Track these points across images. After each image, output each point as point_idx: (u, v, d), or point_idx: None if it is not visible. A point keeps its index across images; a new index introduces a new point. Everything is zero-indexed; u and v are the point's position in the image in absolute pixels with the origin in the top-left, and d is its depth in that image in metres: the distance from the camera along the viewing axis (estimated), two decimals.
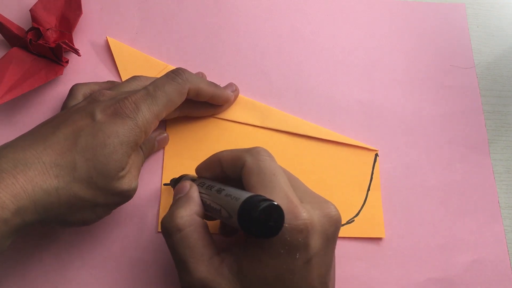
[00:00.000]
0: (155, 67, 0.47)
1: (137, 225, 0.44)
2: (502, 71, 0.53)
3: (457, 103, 0.51)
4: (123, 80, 0.45)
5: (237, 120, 0.47)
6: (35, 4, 0.45)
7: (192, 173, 0.41)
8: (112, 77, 0.47)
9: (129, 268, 0.42)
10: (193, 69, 0.48)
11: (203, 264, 0.32)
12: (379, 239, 0.46)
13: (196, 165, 0.40)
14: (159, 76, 0.43)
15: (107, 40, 0.48)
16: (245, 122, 0.47)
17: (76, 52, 0.45)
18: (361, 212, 0.46)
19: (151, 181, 0.45)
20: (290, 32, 0.51)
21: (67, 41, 0.44)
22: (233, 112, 0.47)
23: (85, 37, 0.48)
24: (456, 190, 0.48)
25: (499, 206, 0.48)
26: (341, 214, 0.45)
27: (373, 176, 0.47)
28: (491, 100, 0.51)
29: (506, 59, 0.53)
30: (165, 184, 0.44)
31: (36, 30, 0.44)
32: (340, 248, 0.45)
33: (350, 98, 0.49)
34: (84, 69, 0.47)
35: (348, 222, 0.45)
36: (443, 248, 0.46)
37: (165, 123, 0.46)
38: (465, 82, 0.51)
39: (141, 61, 0.47)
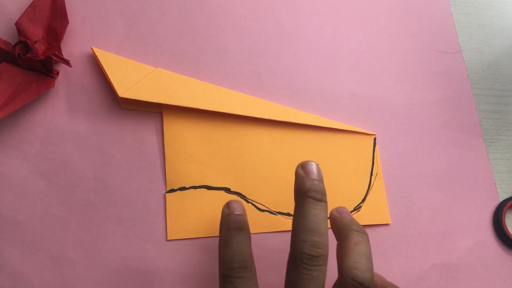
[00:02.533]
0: (145, 72, 0.46)
1: (141, 234, 0.43)
2: (503, 70, 0.54)
3: (447, 88, 0.51)
4: (116, 89, 0.44)
5: (235, 113, 0.46)
6: (20, 17, 0.44)
7: (194, 175, 0.41)
8: (104, 86, 0.46)
9: (135, 279, 0.42)
10: (181, 72, 0.47)
11: None
12: (382, 227, 0.46)
13: (201, 169, 0.40)
14: (149, 78, 0.44)
15: (92, 50, 0.47)
16: (244, 114, 0.47)
17: (67, 63, 0.44)
18: (366, 198, 0.46)
19: (154, 188, 0.44)
20: (276, 29, 0.51)
21: (56, 53, 0.43)
22: (230, 106, 0.47)
23: (69, 48, 0.47)
24: (453, 175, 0.49)
25: (495, 187, 0.49)
26: (347, 201, 0.46)
27: (374, 161, 0.48)
28: (492, 99, 0.52)
29: (507, 58, 0.54)
30: (169, 192, 0.44)
31: (24, 43, 0.43)
32: None
33: (341, 91, 0.50)
34: (75, 80, 0.46)
35: (355, 209, 0.46)
36: (444, 233, 0.47)
37: (162, 126, 0.46)
38: (452, 66, 0.52)
39: (130, 67, 0.47)
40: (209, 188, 0.45)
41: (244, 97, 0.47)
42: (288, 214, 0.45)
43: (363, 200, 0.47)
